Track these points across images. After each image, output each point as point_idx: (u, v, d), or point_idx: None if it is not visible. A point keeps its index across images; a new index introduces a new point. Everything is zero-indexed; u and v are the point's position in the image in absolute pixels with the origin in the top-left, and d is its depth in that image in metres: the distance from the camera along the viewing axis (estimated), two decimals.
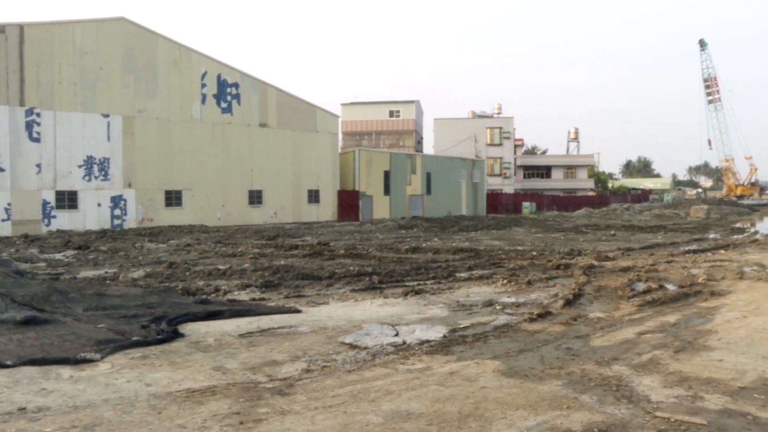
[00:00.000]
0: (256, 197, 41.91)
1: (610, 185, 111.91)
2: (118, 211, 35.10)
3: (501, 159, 77.34)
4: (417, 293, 12.97)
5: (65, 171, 33.07)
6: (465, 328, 9.67)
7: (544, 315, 10.54)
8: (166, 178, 37.24)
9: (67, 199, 33.22)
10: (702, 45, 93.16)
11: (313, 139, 45.00)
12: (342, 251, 21.26)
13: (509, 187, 77.04)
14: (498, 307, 11.46)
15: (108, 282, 14.36)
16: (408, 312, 11.06)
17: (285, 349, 8.36)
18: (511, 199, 67.16)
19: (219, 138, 39.78)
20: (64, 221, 32.86)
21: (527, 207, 64.47)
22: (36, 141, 32.15)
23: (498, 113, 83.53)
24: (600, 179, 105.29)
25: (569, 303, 11.71)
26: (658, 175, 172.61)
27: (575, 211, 62.13)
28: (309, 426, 5.58)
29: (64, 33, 32.85)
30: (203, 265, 17.51)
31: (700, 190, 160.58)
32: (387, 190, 49.72)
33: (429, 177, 53.90)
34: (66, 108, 32.99)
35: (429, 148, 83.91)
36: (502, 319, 10.32)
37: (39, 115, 32.16)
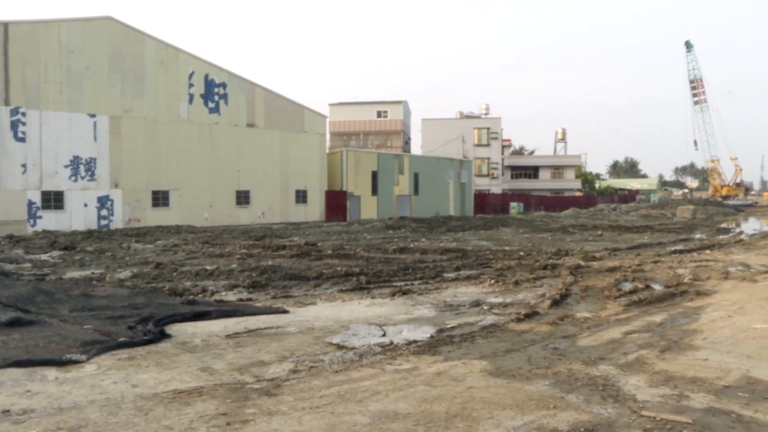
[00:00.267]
0: (243, 197, 41.81)
1: (597, 185, 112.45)
2: (104, 212, 34.91)
3: (488, 159, 77.52)
4: (404, 293, 12.98)
5: (51, 171, 32.86)
6: (452, 328, 9.69)
7: (531, 315, 10.57)
8: (153, 178, 37.07)
9: (53, 200, 33.01)
10: (688, 46, 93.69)
11: (301, 140, 44.93)
12: (329, 251, 21.24)
13: (497, 188, 77.22)
14: (485, 308, 11.48)
15: (94, 283, 14.29)
16: (395, 312, 11.07)
17: (272, 350, 8.35)
18: (499, 200, 67.29)
19: (206, 138, 39.65)
20: (50, 222, 32.65)
21: (515, 207, 64.62)
22: (21, 141, 31.92)
23: (485, 114, 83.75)
24: (587, 180, 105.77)
25: (556, 303, 11.75)
26: (644, 176, 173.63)
27: (562, 212, 62.35)
28: (296, 426, 5.57)
29: (49, 32, 32.63)
30: (190, 266, 17.44)
31: (686, 190, 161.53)
32: (375, 190, 49.72)
33: (416, 177, 53.94)
34: (52, 107, 32.77)
35: (417, 148, 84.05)
36: (489, 320, 10.34)
37: (24, 115, 31.93)
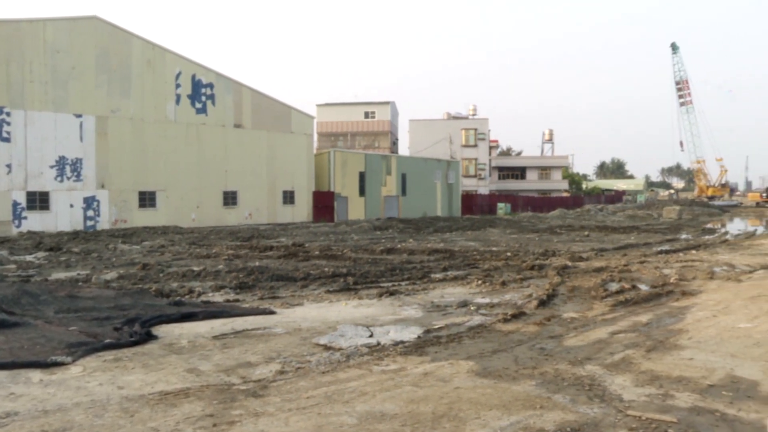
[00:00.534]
0: (230, 198, 41.68)
1: (584, 186, 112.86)
2: (90, 212, 34.70)
3: (476, 160, 77.66)
4: (392, 294, 12.99)
5: (36, 171, 32.62)
6: (439, 328, 9.71)
7: (518, 315, 10.60)
8: (139, 178, 36.89)
9: (39, 200, 32.77)
10: (674, 48, 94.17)
11: (288, 140, 44.85)
12: (317, 252, 21.23)
13: (484, 188, 77.37)
14: (472, 308, 11.51)
15: (80, 284, 14.21)
16: (382, 313, 11.07)
17: (259, 351, 8.34)
18: (486, 200, 67.42)
19: (193, 139, 39.50)
20: (35, 222, 32.41)
21: (502, 208, 64.76)
22: (6, 141, 31.66)
23: (473, 114, 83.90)
24: (574, 180, 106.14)
25: (543, 303, 11.80)
26: (631, 177, 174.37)
27: (550, 212, 62.60)
28: (283, 427, 5.56)
29: (34, 31, 32.39)
30: (177, 267, 17.38)
31: (672, 191, 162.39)
32: (362, 191, 49.70)
33: (404, 178, 53.96)
34: (37, 107, 32.53)
35: (404, 149, 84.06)
36: (476, 320, 10.37)
37: (9, 115, 31.67)
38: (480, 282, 14.58)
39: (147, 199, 37.28)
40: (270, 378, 7.09)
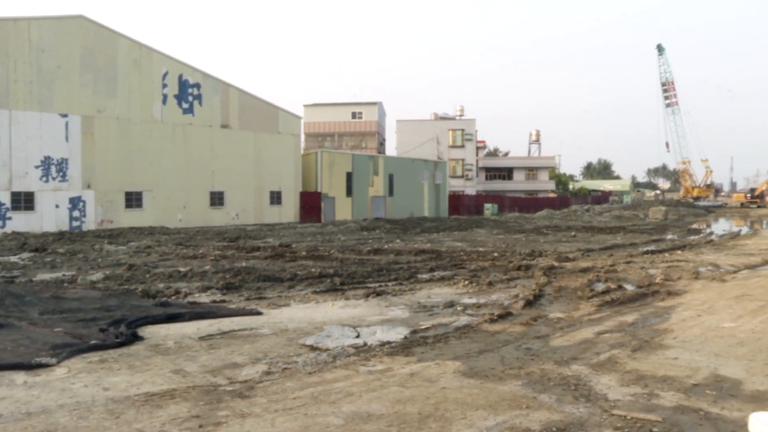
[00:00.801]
0: (217, 198, 41.56)
1: (571, 187, 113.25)
2: (76, 213, 34.51)
3: (463, 160, 77.77)
4: (378, 294, 12.99)
5: (21, 171, 32.40)
6: (426, 329, 9.72)
7: (504, 316, 10.63)
8: (126, 179, 36.71)
9: (24, 200, 32.54)
10: (660, 50, 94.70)
11: (275, 141, 44.77)
12: (304, 253, 21.20)
13: (471, 189, 77.51)
14: (459, 308, 11.53)
15: (66, 285, 14.12)
16: (369, 313, 11.07)
17: (245, 352, 8.32)
18: (473, 201, 67.55)
19: (180, 139, 39.35)
20: (19, 223, 32.18)
21: (489, 208, 64.89)
22: None
23: (460, 115, 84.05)
24: (561, 181, 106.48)
25: (530, 303, 11.83)
26: (617, 177, 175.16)
27: (536, 213, 62.81)
28: (269, 428, 5.55)
29: (19, 30, 32.17)
30: (164, 267, 17.31)
31: (658, 191, 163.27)
32: (349, 191, 49.69)
33: (391, 178, 53.98)
34: (22, 107, 32.32)
35: (391, 149, 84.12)
36: (463, 320, 10.39)
37: None
38: (467, 282, 14.60)
39: (133, 200, 37.12)
40: (256, 379, 7.08)
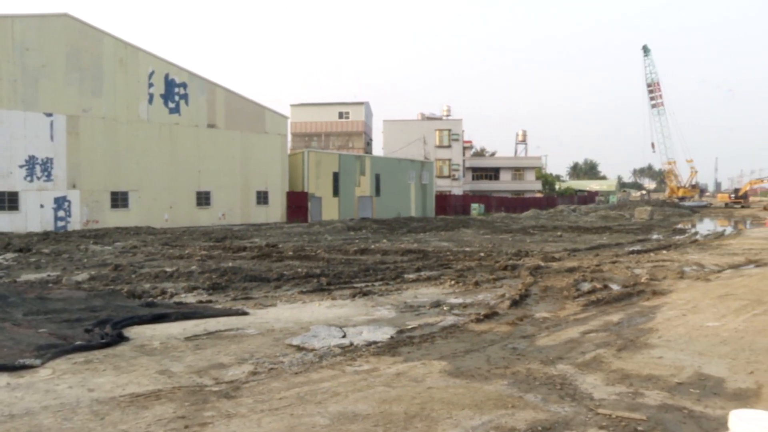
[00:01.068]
0: (204, 198, 41.41)
1: (557, 187, 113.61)
2: (61, 213, 34.27)
3: (450, 161, 77.89)
4: (365, 294, 13.00)
5: (5, 171, 32.13)
6: (412, 329, 9.73)
7: (490, 315, 10.66)
8: (112, 178, 36.50)
9: (8, 200, 32.28)
10: (645, 51, 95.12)
11: (262, 140, 44.66)
12: (290, 253, 21.17)
13: (458, 189, 77.62)
14: (445, 308, 11.55)
15: (50, 285, 14.03)
16: (356, 313, 11.08)
17: (232, 352, 8.30)
18: (460, 201, 67.64)
19: (166, 138, 39.18)
20: (3, 223, 31.91)
21: (476, 208, 65.02)
22: None
23: (447, 115, 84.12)
24: (547, 181, 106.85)
25: (516, 303, 11.87)
26: (604, 177, 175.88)
27: (523, 213, 62.95)
28: (255, 429, 5.55)
29: (2, 28, 31.88)
30: (149, 268, 17.23)
31: (644, 191, 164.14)
32: (336, 191, 49.65)
33: (378, 178, 53.98)
34: (5, 106, 32.05)
35: (378, 149, 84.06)
36: (449, 320, 10.41)
37: None
38: (453, 282, 14.63)
39: (119, 200, 36.91)
40: (242, 379, 7.07)
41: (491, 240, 28.55)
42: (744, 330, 9.68)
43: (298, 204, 46.34)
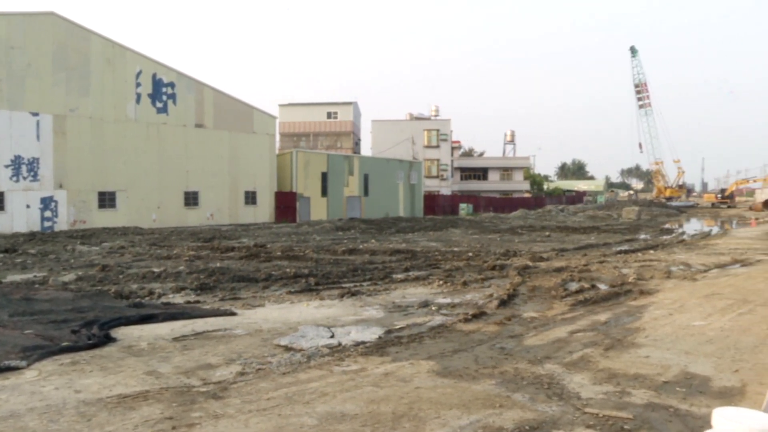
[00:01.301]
0: (192, 198, 41.27)
1: (545, 187, 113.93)
2: (48, 213, 34.06)
3: (438, 161, 77.94)
4: (353, 295, 13.00)
5: None
6: (400, 329, 9.74)
7: (479, 315, 10.69)
8: (99, 178, 36.30)
9: None
10: (633, 52, 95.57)
11: (250, 140, 44.56)
12: (279, 253, 21.13)
13: (446, 189, 77.70)
14: (434, 308, 11.57)
15: (37, 286, 13.95)
16: (344, 313, 11.08)
17: (219, 353, 8.28)
18: (449, 201, 67.72)
19: (154, 138, 39.02)
20: None
21: (464, 208, 65.11)
22: None
23: (435, 115, 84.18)
24: (536, 181, 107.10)
25: (504, 303, 11.90)
26: (591, 178, 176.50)
27: (511, 213, 63.11)
28: (243, 429, 5.54)
29: None
30: (137, 268, 17.16)
31: (631, 191, 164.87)
32: (324, 191, 49.59)
33: (366, 178, 53.97)
34: None
35: (367, 149, 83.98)
36: (437, 320, 10.43)
37: None
38: (441, 282, 14.65)
39: (107, 200, 36.72)
40: (230, 379, 7.05)
41: (479, 240, 28.61)
42: (729, 329, 9.75)
43: (286, 204, 46.26)
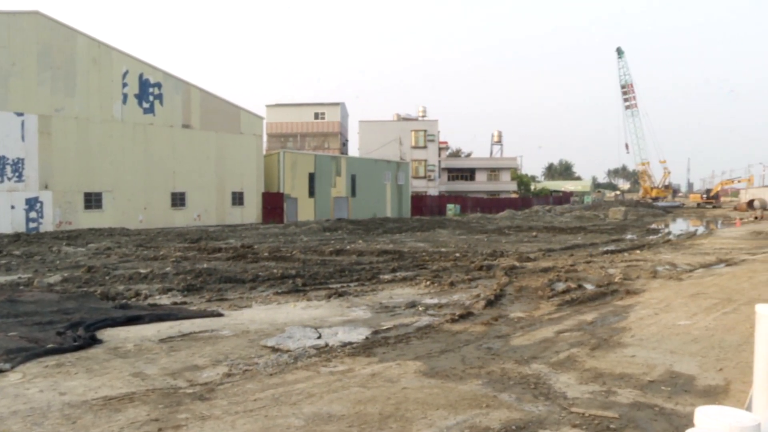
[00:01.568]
0: (179, 199, 41.11)
1: (532, 187, 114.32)
2: (33, 214, 33.81)
3: (425, 161, 77.96)
4: (340, 295, 13.00)
5: None
6: (387, 329, 9.75)
7: (465, 316, 10.71)
8: (85, 179, 36.08)
9: None
10: (619, 53, 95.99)
11: (238, 141, 44.45)
12: (266, 254, 21.09)
13: (434, 190, 77.76)
14: (421, 309, 11.58)
15: (21, 288, 13.86)
16: (331, 314, 11.07)
17: (206, 354, 8.25)
18: (436, 201, 67.81)
19: (141, 139, 38.83)
20: None
21: (451, 209, 65.21)
22: None
23: (423, 116, 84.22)
24: (523, 182, 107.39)
25: (491, 303, 11.93)
26: (578, 178, 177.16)
27: (498, 213, 63.24)
28: (229, 431, 5.53)
29: None
30: (124, 269, 17.08)
31: (618, 192, 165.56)
32: (312, 192, 49.54)
33: (354, 179, 53.95)
34: None
35: (354, 150, 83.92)
36: (424, 320, 10.44)
37: None
38: (429, 283, 14.67)
39: (93, 201, 36.50)
40: (217, 381, 7.03)
41: (467, 240, 28.66)
42: (714, 328, 9.82)
43: (273, 205, 46.18)
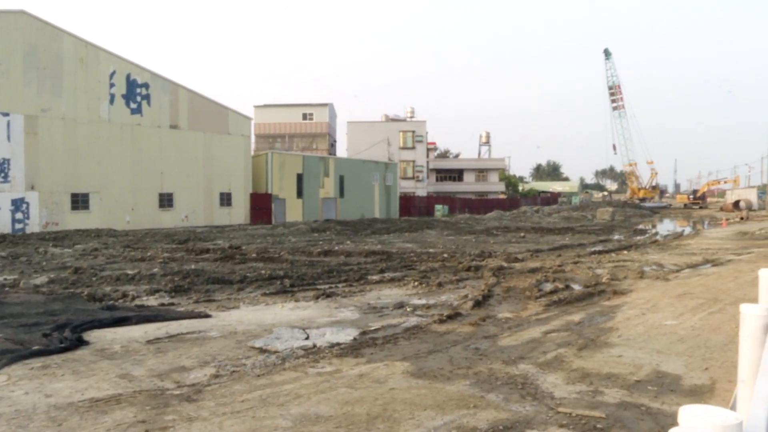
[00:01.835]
0: (166, 200, 40.94)
1: (520, 188, 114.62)
2: (19, 215, 33.59)
3: (414, 162, 78.02)
4: (328, 296, 12.99)
5: None
6: (375, 330, 9.75)
7: (453, 316, 10.72)
8: (72, 180, 35.87)
9: None
10: (607, 54, 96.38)
11: (225, 142, 44.33)
12: (254, 255, 21.05)
13: (422, 190, 77.82)
14: (408, 309, 11.59)
15: (7, 289, 13.76)
16: (319, 315, 11.06)
17: (194, 355, 8.23)
18: (424, 202, 67.87)
19: (128, 139, 38.65)
20: None
21: (440, 210, 65.28)
22: None
23: (411, 117, 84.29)
24: (511, 182, 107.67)
25: (478, 304, 11.95)
26: (566, 179, 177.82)
27: (487, 214, 63.36)
28: None
29: None
30: (111, 270, 17.00)
31: (606, 193, 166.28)
32: (300, 192, 49.47)
33: (342, 180, 53.91)
34: None
35: (342, 151, 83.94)
36: (412, 321, 10.45)
37: None
38: (417, 283, 14.68)
39: (80, 201, 36.29)
40: (204, 382, 7.01)
41: (455, 241, 28.70)
42: (700, 328, 9.88)
43: (261, 205, 46.08)
